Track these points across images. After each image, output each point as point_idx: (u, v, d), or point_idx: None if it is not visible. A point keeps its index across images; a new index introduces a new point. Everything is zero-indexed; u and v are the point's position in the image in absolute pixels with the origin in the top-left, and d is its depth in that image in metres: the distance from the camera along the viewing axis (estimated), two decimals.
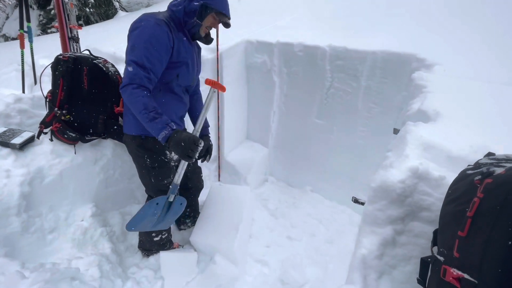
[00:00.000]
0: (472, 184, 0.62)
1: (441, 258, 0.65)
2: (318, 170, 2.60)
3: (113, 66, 1.89)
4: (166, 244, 1.93)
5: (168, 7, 1.47)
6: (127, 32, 1.36)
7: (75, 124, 1.79)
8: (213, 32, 2.02)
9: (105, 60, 1.90)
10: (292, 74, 2.46)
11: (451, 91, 1.37)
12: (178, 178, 1.45)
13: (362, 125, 2.23)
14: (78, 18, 6.32)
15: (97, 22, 6.45)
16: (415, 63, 1.83)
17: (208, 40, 1.59)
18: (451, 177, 0.90)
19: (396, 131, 1.53)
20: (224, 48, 2.41)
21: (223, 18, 1.43)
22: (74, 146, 1.83)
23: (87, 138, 1.86)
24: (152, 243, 1.86)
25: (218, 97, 2.52)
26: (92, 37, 3.29)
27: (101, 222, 1.90)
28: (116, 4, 6.86)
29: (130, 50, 1.33)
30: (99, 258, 1.66)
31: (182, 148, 1.25)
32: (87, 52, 1.93)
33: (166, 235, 1.89)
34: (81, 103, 1.78)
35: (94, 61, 1.82)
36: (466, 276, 0.56)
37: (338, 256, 1.81)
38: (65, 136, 1.74)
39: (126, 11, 6.88)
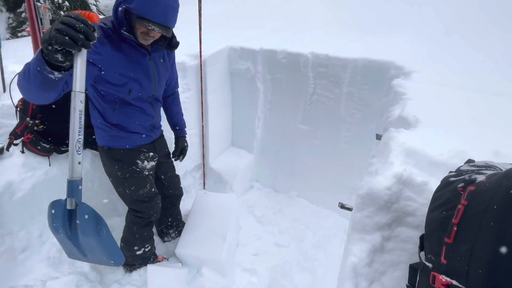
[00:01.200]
0: (456, 191, 0.64)
1: (430, 265, 0.66)
2: (303, 175, 2.62)
3: None
4: (150, 258, 1.85)
5: None
6: None
7: (50, 135, 1.69)
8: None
9: None
10: (276, 80, 2.48)
11: (428, 98, 1.44)
12: (71, 164, 0.87)
13: (345, 130, 2.28)
14: (52, 22, 6.02)
15: None
16: (394, 70, 1.91)
17: (171, 45, 1.39)
18: (433, 182, 0.93)
19: (378, 137, 1.57)
20: (207, 54, 2.38)
21: (148, 24, 1.11)
22: (49, 158, 1.72)
23: (62, 149, 1.77)
24: (134, 258, 1.78)
25: (202, 103, 2.49)
26: None
27: None
28: (93, 8, 6.62)
29: None
30: (77, 277, 1.56)
31: (49, 36, 0.76)
32: None
33: (150, 247, 1.82)
34: (56, 112, 1.69)
35: None
36: (454, 282, 0.58)
37: (326, 261, 1.82)
38: (38, 147, 1.64)
39: (104, 15, 6.66)
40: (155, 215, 1.72)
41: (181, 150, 1.85)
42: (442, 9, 2.55)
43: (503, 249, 0.52)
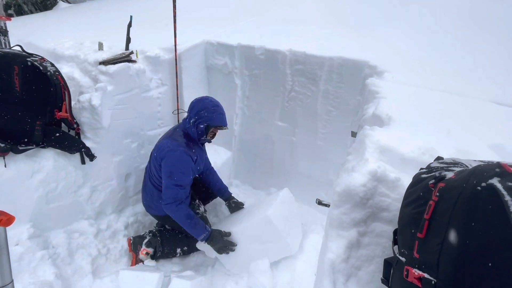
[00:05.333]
0: (427, 187, 0.67)
1: (403, 259, 0.69)
2: (282, 172, 2.64)
3: (52, 65, 1.67)
4: (158, 249, 1.94)
5: (181, 127, 1.90)
6: (70, 26, 1.20)
7: (5, 133, 1.53)
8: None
9: (42, 58, 1.67)
10: (253, 77, 2.46)
11: (399, 97, 1.49)
12: None
13: (322, 127, 2.33)
14: (7, 7, 5.45)
15: (32, 13, 5.65)
16: (367, 69, 1.97)
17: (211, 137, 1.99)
18: (405, 178, 0.97)
19: (353, 134, 1.62)
20: (182, 48, 2.30)
21: (221, 128, 1.88)
22: (4, 158, 1.56)
23: (20, 148, 1.61)
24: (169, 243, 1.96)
25: (178, 99, 2.40)
26: (25, 30, 2.86)
27: (42, 244, 1.66)
28: None
29: (169, 175, 1.75)
30: (40, 287, 1.44)
31: (219, 247, 1.74)
32: (18, 48, 1.67)
33: (185, 249, 1.99)
34: (12, 107, 1.54)
35: (28, 59, 1.58)
36: (426, 275, 0.60)
37: (305, 257, 1.85)
38: None
39: (69, 3, 6.14)
40: None
41: (238, 207, 2.13)
42: (430, 13, 2.66)
43: (470, 243, 0.54)
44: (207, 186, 2.20)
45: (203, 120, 1.78)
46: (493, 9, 2.81)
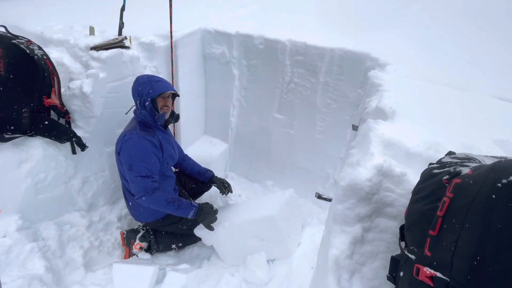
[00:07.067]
0: (441, 183, 0.64)
1: (412, 257, 0.66)
2: (278, 165, 2.61)
3: (40, 48, 1.57)
4: (153, 247, 1.87)
5: (134, 118, 1.74)
6: (59, 9, 1.12)
7: None
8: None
9: (29, 41, 1.57)
10: (252, 67, 2.39)
11: (403, 90, 1.46)
12: None
13: (321, 120, 2.29)
14: None
15: None
16: (369, 62, 1.93)
17: (175, 117, 1.87)
18: (411, 173, 0.95)
19: (355, 128, 1.59)
20: (178, 36, 2.21)
21: (164, 95, 1.69)
22: None
23: (6, 137, 1.53)
24: (165, 238, 1.90)
25: None
26: (10, 13, 2.70)
27: (31, 236, 1.60)
28: None
29: (129, 168, 1.59)
30: (29, 281, 1.39)
31: (207, 219, 1.69)
32: (2, 29, 1.56)
33: (179, 245, 1.94)
34: None
35: (14, 41, 1.48)
36: (438, 274, 0.58)
37: (301, 250, 1.84)
38: None
39: None
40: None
41: (223, 185, 2.07)
42: (434, 8, 2.61)
43: (488, 242, 0.52)
44: (195, 181, 2.10)
45: (145, 96, 1.62)
46: (494, 7, 2.78)
